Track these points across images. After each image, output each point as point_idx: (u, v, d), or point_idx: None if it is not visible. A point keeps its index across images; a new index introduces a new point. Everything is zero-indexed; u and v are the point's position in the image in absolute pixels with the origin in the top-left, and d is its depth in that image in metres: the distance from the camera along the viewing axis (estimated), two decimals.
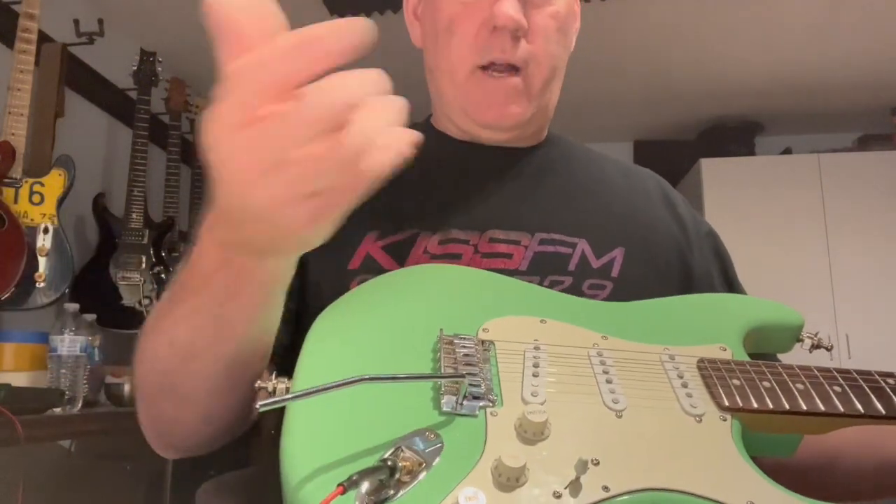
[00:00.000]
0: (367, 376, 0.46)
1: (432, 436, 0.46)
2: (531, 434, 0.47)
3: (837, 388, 0.55)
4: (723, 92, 3.10)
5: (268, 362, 0.59)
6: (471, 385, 0.50)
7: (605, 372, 0.55)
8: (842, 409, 0.54)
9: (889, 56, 2.78)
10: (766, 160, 3.30)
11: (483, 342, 0.56)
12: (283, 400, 0.46)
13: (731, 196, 3.13)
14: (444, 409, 0.48)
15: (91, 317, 1.73)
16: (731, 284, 0.80)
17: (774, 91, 3.09)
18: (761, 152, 3.43)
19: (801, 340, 0.66)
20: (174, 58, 2.54)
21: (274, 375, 0.53)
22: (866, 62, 2.82)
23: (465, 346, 0.55)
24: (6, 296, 1.66)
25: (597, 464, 0.46)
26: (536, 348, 0.57)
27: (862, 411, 0.54)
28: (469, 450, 0.46)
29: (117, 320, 2.02)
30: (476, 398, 0.49)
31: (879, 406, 0.54)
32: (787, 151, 3.35)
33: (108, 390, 1.77)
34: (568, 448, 0.47)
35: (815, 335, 0.67)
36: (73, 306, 1.68)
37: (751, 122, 3.41)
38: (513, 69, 0.72)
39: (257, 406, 0.45)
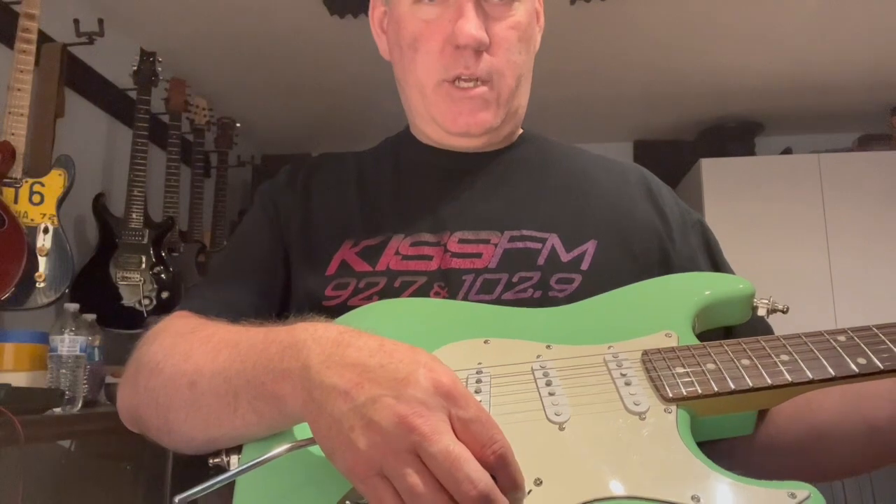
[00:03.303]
0: (286, 446, 0.49)
1: None
2: None
3: (785, 357, 0.54)
4: (723, 92, 3.10)
5: None
6: None
7: (548, 384, 0.55)
8: (790, 378, 0.52)
9: (889, 56, 2.77)
10: (766, 160, 3.30)
11: None
12: (200, 491, 0.48)
13: (731, 196, 3.13)
14: None
15: (91, 317, 1.73)
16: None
17: (774, 91, 3.09)
18: (761, 152, 3.43)
19: (756, 308, 0.66)
20: (174, 58, 2.54)
21: (224, 452, 0.56)
22: (866, 62, 2.82)
23: None
24: (6, 296, 1.65)
25: (539, 483, 0.47)
26: (479, 372, 0.57)
27: (811, 377, 0.52)
28: None
29: (117, 320, 2.02)
30: None
31: (829, 368, 0.52)
32: (787, 151, 3.35)
33: (108, 390, 1.77)
34: None
35: (769, 300, 0.66)
36: (73, 306, 1.68)
37: (751, 122, 3.40)
38: (479, 80, 0.74)
39: (176, 500, 0.47)
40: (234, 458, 0.55)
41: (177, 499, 0.46)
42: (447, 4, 0.74)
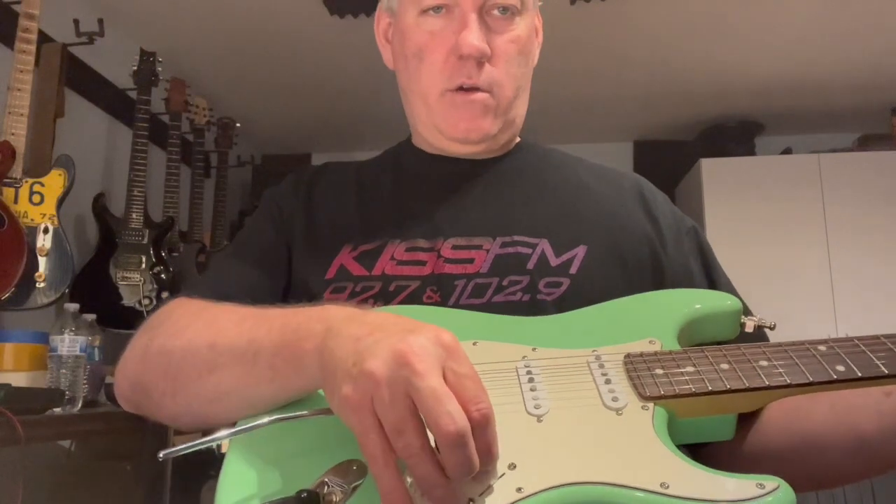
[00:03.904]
0: (275, 416, 0.52)
1: (355, 466, 0.49)
2: None
3: (764, 363, 0.55)
4: (723, 92, 3.10)
5: None
6: None
7: (531, 381, 0.57)
8: (766, 382, 0.54)
9: (889, 56, 2.77)
10: (766, 160, 3.30)
11: None
12: (189, 447, 0.50)
13: (731, 196, 3.13)
14: None
15: (91, 317, 1.73)
16: (712, 279, 0.81)
17: (774, 91, 3.09)
18: (761, 152, 3.43)
19: (744, 325, 0.67)
20: (174, 58, 2.54)
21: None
22: (866, 62, 2.82)
23: None
24: (6, 296, 1.66)
25: (513, 467, 0.48)
26: None
27: (788, 381, 0.54)
28: None
29: (117, 320, 2.01)
30: None
31: (807, 374, 0.54)
32: (787, 151, 3.35)
33: (108, 390, 1.77)
34: None
35: (757, 317, 0.67)
36: (73, 306, 1.68)
37: (751, 122, 3.41)
38: (480, 90, 0.77)
39: (160, 455, 0.49)
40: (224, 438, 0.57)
41: (161, 453, 0.48)
42: (452, 17, 0.77)
